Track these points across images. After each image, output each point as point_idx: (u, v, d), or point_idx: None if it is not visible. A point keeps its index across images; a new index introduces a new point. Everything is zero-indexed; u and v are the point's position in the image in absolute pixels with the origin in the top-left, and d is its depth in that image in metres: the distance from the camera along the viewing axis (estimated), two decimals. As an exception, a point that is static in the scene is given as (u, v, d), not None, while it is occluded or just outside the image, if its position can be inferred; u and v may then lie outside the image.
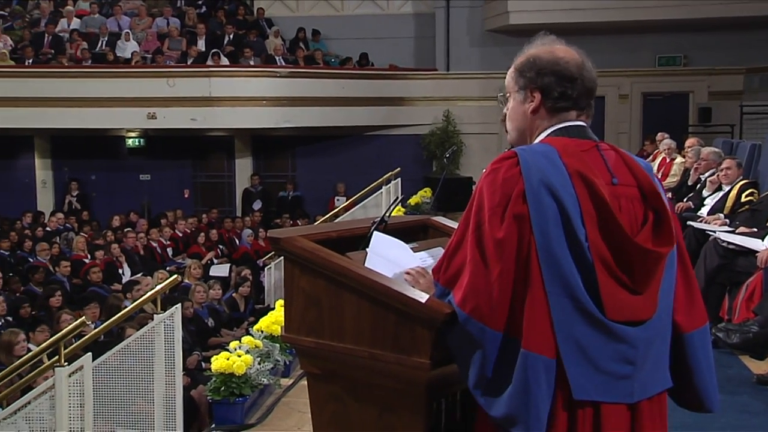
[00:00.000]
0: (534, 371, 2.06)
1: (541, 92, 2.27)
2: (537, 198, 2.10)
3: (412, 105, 16.63)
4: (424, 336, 2.34)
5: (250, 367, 5.29)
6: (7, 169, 16.82)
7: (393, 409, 2.47)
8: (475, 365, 2.16)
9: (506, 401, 2.10)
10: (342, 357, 2.54)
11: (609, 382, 2.09)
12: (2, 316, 8.72)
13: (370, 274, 2.49)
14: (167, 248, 13.80)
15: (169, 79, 14.95)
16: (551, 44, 2.31)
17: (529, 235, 2.10)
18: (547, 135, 2.28)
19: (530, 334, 2.08)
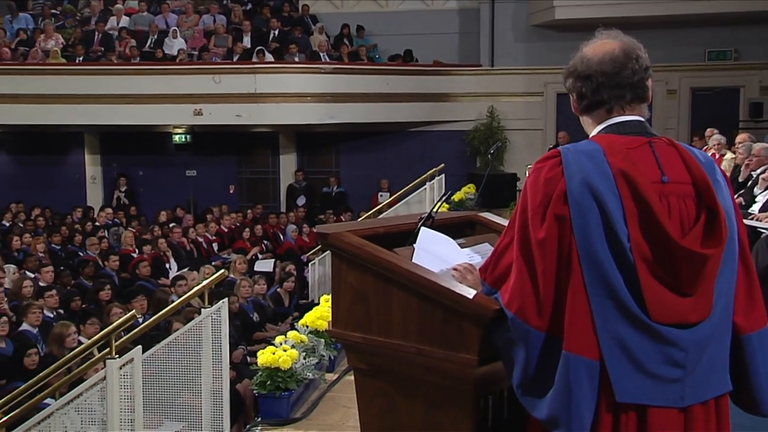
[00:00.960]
0: (576, 373, 2.04)
1: (574, 94, 2.29)
2: (578, 198, 2.08)
3: (456, 101, 16.56)
4: (472, 332, 2.34)
5: (296, 362, 5.33)
6: (58, 165, 17.15)
7: (440, 405, 2.47)
8: (519, 365, 2.15)
9: (548, 403, 2.09)
10: (389, 352, 2.55)
11: (656, 386, 2.06)
12: (54, 309, 8.88)
13: (417, 269, 2.50)
14: (213, 243, 13.94)
15: (215, 75, 15.09)
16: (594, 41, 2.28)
17: (569, 235, 2.08)
18: (598, 131, 2.26)
19: (572, 336, 2.06)
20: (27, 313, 8.14)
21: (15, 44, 16.51)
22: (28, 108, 15.14)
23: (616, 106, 2.23)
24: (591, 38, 2.31)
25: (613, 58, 2.21)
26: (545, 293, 2.10)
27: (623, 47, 2.22)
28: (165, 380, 5.14)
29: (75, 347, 7.07)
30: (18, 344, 7.58)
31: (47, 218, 14.98)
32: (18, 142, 17.09)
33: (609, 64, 2.21)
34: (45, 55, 15.93)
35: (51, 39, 16.35)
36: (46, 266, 10.51)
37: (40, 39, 16.42)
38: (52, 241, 12.88)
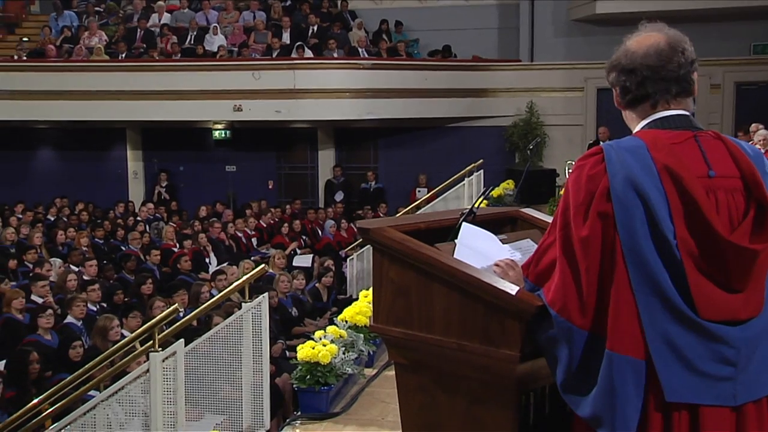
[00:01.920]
0: (620, 373, 2.02)
1: (617, 88, 2.26)
2: (622, 195, 2.05)
3: (495, 96, 16.48)
4: (514, 328, 2.33)
5: (335, 357, 5.34)
6: (101, 161, 17.41)
7: (481, 401, 2.46)
8: (562, 363, 2.14)
9: (592, 401, 2.07)
10: (430, 348, 2.55)
11: (707, 384, 2.02)
12: (97, 302, 9.02)
13: (459, 265, 2.49)
14: (252, 238, 14.05)
15: (254, 71, 15.20)
16: (638, 35, 2.25)
17: (613, 233, 2.06)
18: (642, 127, 2.23)
19: (615, 335, 2.04)
20: (72, 306, 8.28)
21: (60, 42, 16.79)
22: (72, 104, 15.39)
23: (661, 100, 2.20)
24: (634, 32, 2.28)
25: (659, 51, 2.18)
26: (588, 292, 2.08)
27: (669, 40, 2.19)
28: (205, 374, 5.19)
29: (118, 340, 7.19)
30: (63, 336, 7.72)
31: (90, 213, 15.23)
32: (62, 137, 17.39)
33: (654, 58, 2.18)
34: (89, 52, 16.18)
35: (95, 36, 16.60)
36: (89, 260, 10.69)
37: (84, 36, 16.68)
38: (95, 235, 13.09)
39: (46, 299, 8.97)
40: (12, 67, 16.06)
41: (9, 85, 15.52)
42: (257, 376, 5.27)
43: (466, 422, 2.51)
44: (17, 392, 6.56)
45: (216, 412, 5.42)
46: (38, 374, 6.89)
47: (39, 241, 12.18)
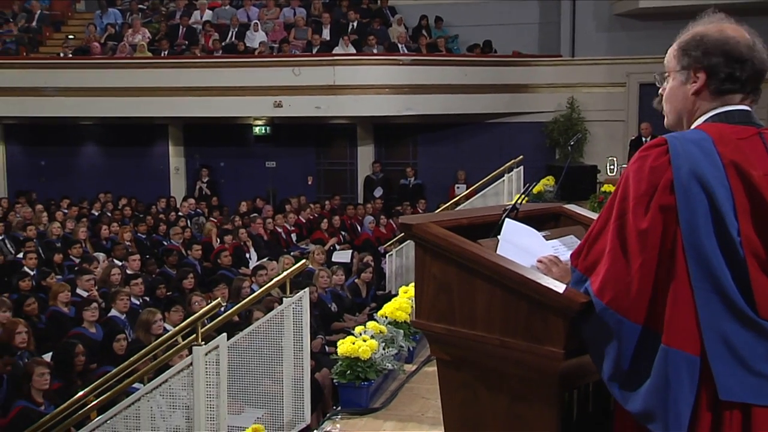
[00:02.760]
0: (675, 368, 1.99)
1: (707, 73, 2.17)
2: (686, 189, 2.01)
3: (535, 92, 16.36)
4: (558, 325, 2.31)
5: (375, 352, 5.35)
6: (143, 157, 17.65)
7: (524, 398, 2.45)
8: (610, 357, 2.11)
9: (643, 396, 2.04)
10: (473, 344, 2.54)
11: (762, 385, 1.98)
12: (140, 296, 9.14)
13: (502, 261, 2.48)
14: (291, 234, 14.12)
15: (294, 68, 15.27)
16: (720, 22, 2.20)
17: (675, 227, 2.02)
18: (705, 120, 2.18)
19: (672, 330, 2.01)
20: (116, 299, 8.41)
21: (104, 39, 17.04)
22: (115, 101, 15.62)
23: (743, 93, 2.17)
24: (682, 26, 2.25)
25: (754, 44, 2.15)
26: (642, 285, 2.05)
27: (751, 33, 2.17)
28: (246, 368, 5.24)
29: (160, 334, 7.28)
30: (107, 330, 7.84)
31: (133, 208, 15.44)
32: (106, 133, 17.65)
33: (754, 51, 2.15)
34: (132, 49, 16.40)
35: (138, 33, 16.82)
36: (133, 254, 10.84)
37: (127, 34, 16.91)
38: (138, 230, 13.26)
39: (91, 293, 9.12)
40: (58, 64, 16.34)
41: (55, 82, 15.79)
42: (298, 371, 5.30)
43: (508, 419, 2.50)
44: (63, 383, 6.68)
45: (256, 406, 5.47)
46: (83, 366, 7.01)
47: (84, 235, 12.37)
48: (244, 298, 7.85)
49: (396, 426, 5.09)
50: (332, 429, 4.93)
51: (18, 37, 17.49)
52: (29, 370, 6.35)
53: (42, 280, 9.84)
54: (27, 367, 6.47)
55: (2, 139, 17.93)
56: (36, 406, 6.18)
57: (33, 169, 17.76)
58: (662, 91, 2.32)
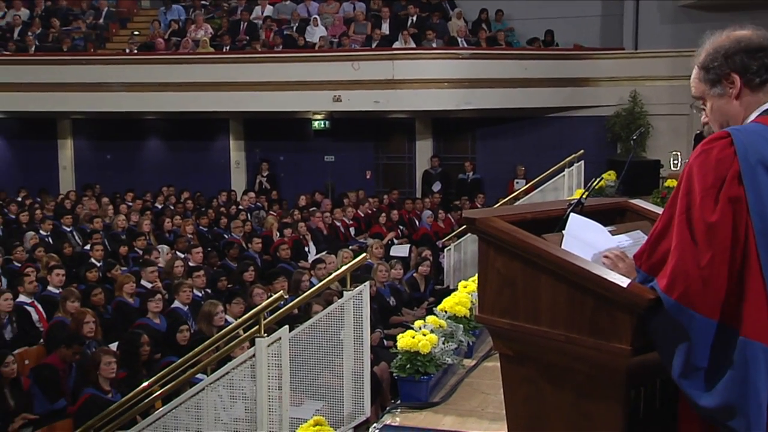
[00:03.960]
0: (754, 360, 1.96)
1: (738, 73, 2.19)
2: (755, 179, 1.99)
3: (596, 85, 16.11)
4: (625, 321, 2.28)
5: (435, 347, 5.34)
6: (205, 151, 17.92)
7: (589, 395, 2.43)
8: (681, 353, 2.08)
9: (720, 391, 2.01)
10: (537, 339, 2.52)
11: None
12: (202, 288, 9.30)
13: (567, 256, 2.46)
14: (350, 228, 14.19)
15: (354, 62, 15.32)
16: (721, 33, 2.23)
17: (745, 218, 2.00)
18: (758, 115, 2.17)
19: (749, 322, 1.98)
20: (179, 291, 8.57)
21: (168, 35, 17.35)
22: (178, 96, 15.90)
23: None
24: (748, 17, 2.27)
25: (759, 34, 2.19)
26: (714, 278, 2.02)
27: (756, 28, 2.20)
28: (306, 360, 5.28)
29: (222, 325, 7.41)
30: (171, 320, 8.00)
31: (195, 201, 15.69)
32: (169, 128, 17.98)
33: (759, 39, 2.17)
34: (195, 44, 16.66)
35: (201, 29, 17.08)
36: (195, 247, 11.02)
37: (190, 29, 17.19)
38: (200, 223, 13.48)
39: (155, 284, 9.32)
40: (124, 60, 16.70)
41: (121, 77, 16.15)
42: (357, 364, 5.33)
43: (572, 415, 2.48)
44: (129, 372, 6.84)
45: (315, 399, 5.51)
46: (148, 356, 7.17)
47: (148, 228, 12.63)
48: (303, 291, 7.94)
49: (456, 421, 5.08)
50: (391, 422, 4.94)
51: (86, 34, 17.93)
52: (97, 359, 6.53)
53: (108, 271, 10.09)
54: (94, 356, 6.65)
55: (70, 133, 18.40)
56: (103, 394, 6.35)
57: (99, 163, 18.19)
58: (705, 118, 2.33)
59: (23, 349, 7.87)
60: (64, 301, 8.22)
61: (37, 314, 8.70)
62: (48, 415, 6.71)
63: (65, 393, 6.98)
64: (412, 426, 4.99)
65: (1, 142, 18.79)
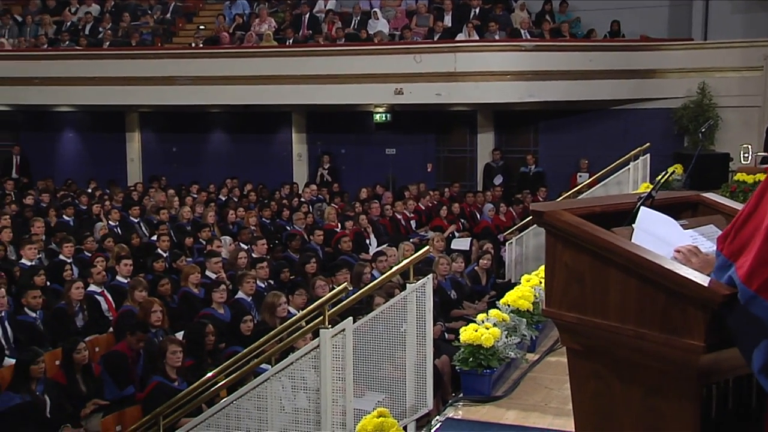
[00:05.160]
0: None
1: None
2: None
3: (663, 77, 15.76)
4: (698, 317, 2.23)
5: (498, 340, 5.33)
6: (268, 143, 18.12)
7: (660, 391, 2.39)
8: (762, 348, 2.01)
9: None
10: (605, 334, 2.49)
11: None
12: (265, 279, 9.42)
13: (638, 250, 2.42)
14: (411, 221, 14.18)
15: (416, 55, 15.29)
16: None
17: None
18: None
19: None
20: (242, 282, 8.69)
21: (233, 29, 17.57)
22: (242, 89, 16.09)
23: None
24: None
25: None
26: None
27: None
28: (367, 352, 5.30)
29: (285, 316, 7.49)
30: (235, 311, 8.12)
31: (258, 193, 15.88)
32: (233, 121, 18.23)
33: None
34: (259, 38, 16.83)
35: (264, 23, 17.25)
36: (258, 239, 11.16)
37: (255, 23, 17.37)
38: (262, 215, 13.63)
39: (219, 275, 9.46)
40: (190, 54, 16.98)
41: (187, 71, 16.42)
42: (420, 357, 5.33)
43: (642, 412, 2.44)
44: (195, 361, 6.97)
45: (376, 390, 5.53)
46: (213, 345, 7.29)
47: (212, 219, 12.81)
48: (365, 284, 7.98)
49: (518, 415, 5.06)
50: (454, 415, 4.94)
51: (154, 28, 18.28)
52: (163, 348, 6.67)
53: (173, 261, 10.28)
54: (161, 345, 6.79)
55: (138, 126, 18.81)
56: (170, 382, 6.49)
57: (165, 155, 18.55)
58: None
59: (93, 337, 8.10)
60: (132, 291, 8.42)
61: (106, 303, 8.93)
62: (118, 401, 6.89)
63: (134, 380, 7.15)
64: (474, 419, 4.99)
65: (73, 135, 19.31)
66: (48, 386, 6.56)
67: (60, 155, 19.32)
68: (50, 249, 11.00)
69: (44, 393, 6.48)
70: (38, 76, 17.17)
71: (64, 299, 8.44)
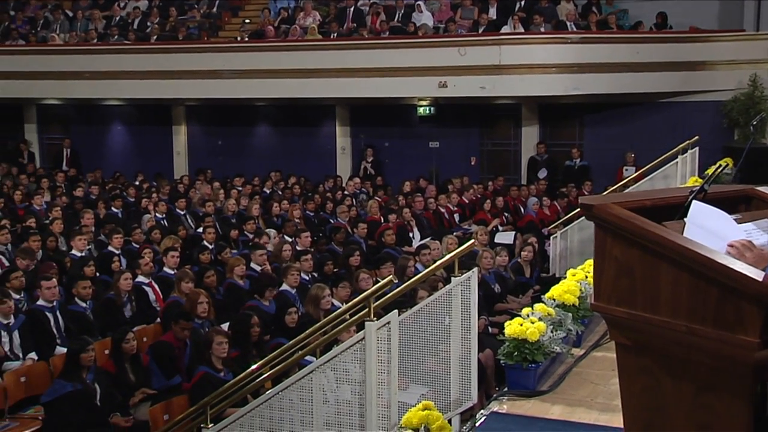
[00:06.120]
0: None
1: None
2: None
3: (713, 69, 15.46)
4: (753, 313, 2.20)
5: (543, 335, 5.29)
6: (311, 136, 18.19)
7: (712, 388, 2.35)
8: None
9: None
10: (656, 329, 2.46)
11: None
12: (309, 272, 9.47)
13: (690, 244, 2.38)
14: (454, 214, 14.15)
15: (460, 48, 15.21)
16: None
17: None
18: None
19: None
20: (287, 274, 8.76)
21: (278, 22, 17.65)
22: (287, 82, 16.17)
23: None
24: None
25: None
26: None
27: None
28: (411, 345, 5.30)
29: (329, 309, 7.53)
30: (279, 303, 8.18)
31: (302, 186, 15.97)
32: (277, 114, 18.34)
33: None
34: (303, 31, 16.89)
35: (309, 17, 17.30)
36: (302, 231, 11.22)
37: (299, 17, 17.43)
38: (306, 208, 13.71)
39: (264, 267, 9.54)
40: (235, 47, 17.12)
41: (232, 64, 16.55)
42: (464, 351, 5.31)
43: (693, 408, 2.41)
44: (240, 352, 7.04)
45: (420, 384, 5.53)
46: (258, 337, 7.35)
47: (257, 212, 12.93)
48: (409, 277, 7.98)
49: (564, 410, 5.02)
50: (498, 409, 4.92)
51: (200, 22, 18.47)
52: (209, 339, 6.75)
53: (219, 253, 10.39)
54: (207, 336, 6.88)
55: (184, 120, 19.03)
56: (216, 373, 6.57)
57: (211, 148, 18.75)
58: None
59: (141, 327, 8.24)
60: (179, 282, 8.54)
61: (153, 294, 9.06)
62: (165, 390, 6.99)
63: (180, 370, 7.25)
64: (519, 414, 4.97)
65: (121, 128, 19.62)
66: (98, 375, 6.69)
67: (108, 148, 19.66)
68: (99, 240, 11.20)
69: (94, 381, 6.61)
70: (88, 70, 17.49)
71: (113, 290, 8.59)
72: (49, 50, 18.25)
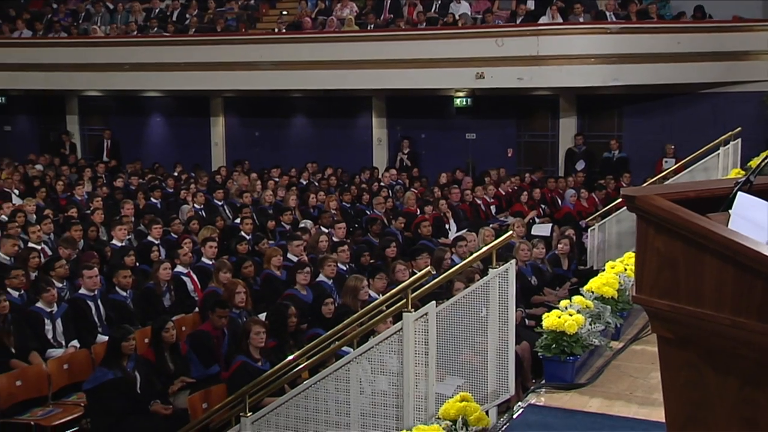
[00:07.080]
0: None
1: None
2: None
3: (756, 59, 15.17)
4: (800, 307, 2.15)
5: (582, 327, 5.25)
6: (348, 128, 18.23)
7: (757, 383, 2.31)
8: None
9: None
10: (699, 323, 2.42)
11: None
12: (346, 263, 9.50)
13: (735, 236, 2.33)
14: (491, 206, 14.09)
15: (497, 38, 15.12)
16: None
17: None
18: None
19: None
20: (324, 265, 8.80)
21: (315, 14, 17.69)
22: (323, 74, 16.22)
23: None
24: None
25: None
26: None
27: None
28: (447, 337, 5.29)
29: (366, 300, 7.55)
30: (316, 293, 8.23)
31: (338, 178, 16.02)
32: (314, 105, 18.39)
33: None
34: (340, 23, 16.91)
35: (346, 8, 17.31)
36: (338, 222, 11.26)
37: (336, 8, 17.46)
38: (343, 199, 13.75)
39: (302, 258, 9.60)
40: (273, 39, 17.19)
41: (270, 56, 16.64)
42: (502, 343, 5.30)
43: (738, 403, 2.36)
44: (277, 342, 7.10)
45: (457, 375, 5.53)
46: (295, 327, 7.40)
47: (293, 203, 13.00)
48: (445, 269, 7.97)
49: (602, 403, 4.98)
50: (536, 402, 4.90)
51: (238, 14, 18.58)
52: (247, 329, 6.81)
53: (256, 244, 10.47)
54: (245, 326, 6.94)
55: (222, 111, 19.17)
56: (254, 362, 6.62)
57: (248, 140, 18.87)
58: None
59: (180, 317, 8.34)
60: (217, 272, 8.62)
61: (192, 284, 9.16)
62: (203, 379, 7.07)
63: (219, 359, 7.33)
64: (557, 407, 4.94)
65: (160, 119, 19.84)
66: (138, 363, 6.78)
67: (147, 139, 19.89)
68: (139, 230, 11.34)
69: (135, 369, 6.71)
70: (128, 62, 17.70)
71: (153, 279, 8.71)
72: (91, 42, 18.50)
